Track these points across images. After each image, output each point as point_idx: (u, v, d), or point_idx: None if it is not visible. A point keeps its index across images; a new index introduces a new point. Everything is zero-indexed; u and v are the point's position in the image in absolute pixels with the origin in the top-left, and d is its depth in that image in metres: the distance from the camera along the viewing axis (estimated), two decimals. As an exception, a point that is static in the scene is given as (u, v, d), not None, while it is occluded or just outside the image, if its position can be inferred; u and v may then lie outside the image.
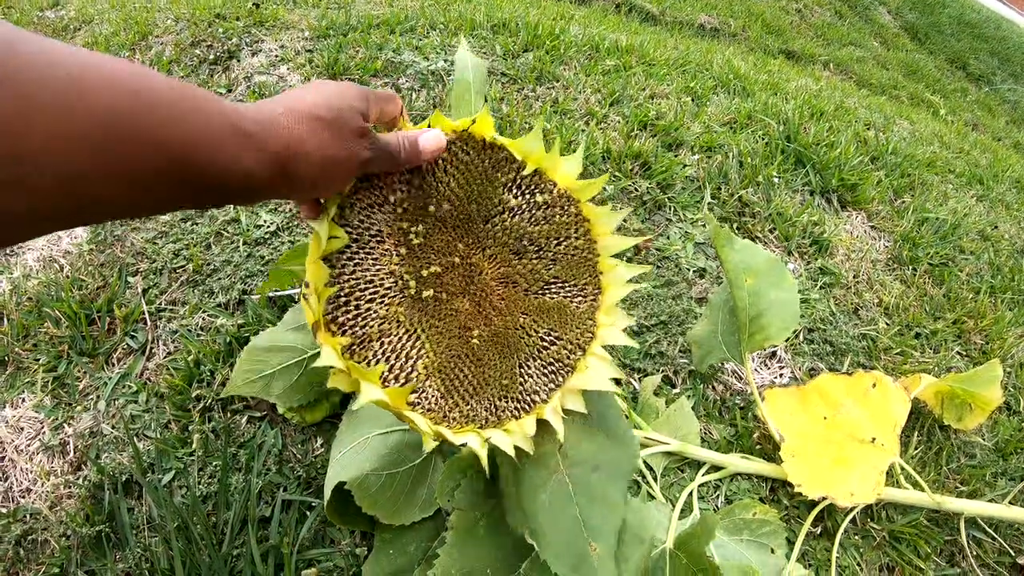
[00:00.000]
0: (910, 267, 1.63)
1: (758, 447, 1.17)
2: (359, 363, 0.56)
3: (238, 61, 1.75)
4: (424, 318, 0.59)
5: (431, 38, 1.93)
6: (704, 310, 1.19)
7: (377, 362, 0.57)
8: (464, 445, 0.58)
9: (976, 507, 1.10)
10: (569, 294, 0.62)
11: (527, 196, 0.60)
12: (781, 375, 1.31)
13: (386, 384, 0.57)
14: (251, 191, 0.43)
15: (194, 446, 1.00)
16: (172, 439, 1.01)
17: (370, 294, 0.56)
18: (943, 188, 2.03)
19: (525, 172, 0.59)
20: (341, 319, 0.56)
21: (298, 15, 2.01)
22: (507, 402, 0.61)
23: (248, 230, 1.26)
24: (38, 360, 1.11)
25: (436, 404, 0.59)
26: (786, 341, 1.33)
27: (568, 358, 0.63)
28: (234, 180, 0.41)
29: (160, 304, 1.17)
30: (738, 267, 1.08)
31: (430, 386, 0.59)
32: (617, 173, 1.52)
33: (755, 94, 2.09)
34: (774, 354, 1.33)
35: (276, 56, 1.76)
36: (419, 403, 0.58)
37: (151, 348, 1.13)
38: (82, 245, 1.28)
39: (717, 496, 1.08)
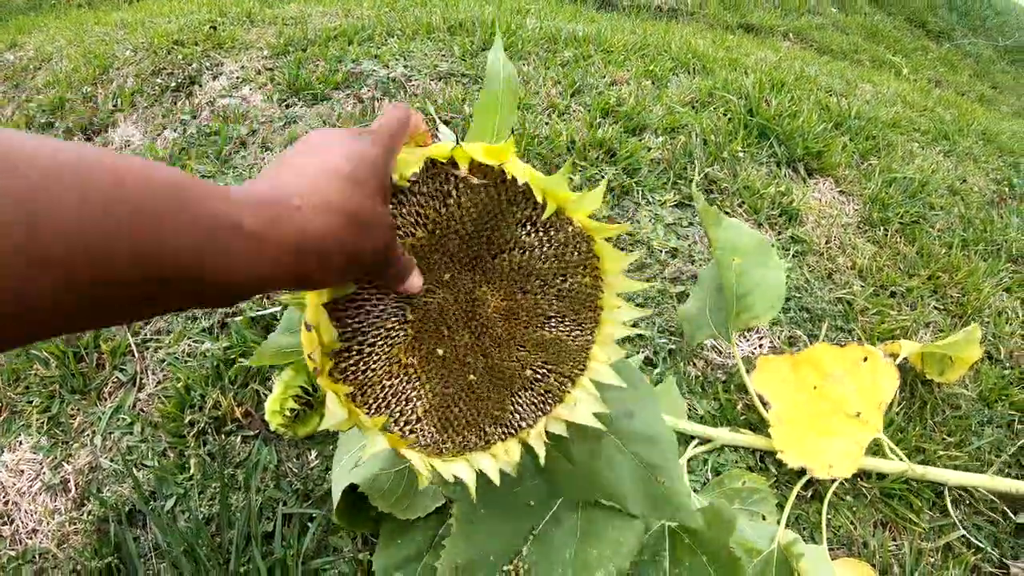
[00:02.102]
0: (881, 228, 1.67)
1: (743, 417, 1.21)
2: (361, 408, 0.56)
3: (200, 86, 1.76)
4: (426, 358, 0.58)
5: (389, 45, 1.95)
6: (695, 287, 1.22)
7: (379, 409, 0.56)
8: (455, 478, 0.59)
9: (959, 477, 1.14)
10: (568, 329, 0.61)
11: (542, 235, 0.57)
12: (761, 346, 1.34)
13: (388, 430, 0.57)
14: (275, 288, 0.36)
15: (192, 470, 1.02)
16: (170, 466, 1.03)
17: (372, 338, 0.55)
18: (909, 147, 2.07)
19: (544, 215, 0.56)
20: (343, 366, 0.54)
21: (255, 34, 2.02)
22: (496, 428, 0.62)
23: None
24: (31, 402, 1.13)
25: (432, 439, 0.59)
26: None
27: (558, 389, 0.63)
28: (250, 289, 0.34)
29: (145, 335, 1.19)
30: (725, 246, 1.10)
31: (428, 425, 0.59)
32: (582, 163, 1.55)
33: (715, 72, 2.12)
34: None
35: (237, 77, 1.78)
36: (417, 443, 0.58)
37: (141, 379, 1.15)
38: (63, 285, 1.30)
39: (705, 469, 1.12)
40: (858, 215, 1.70)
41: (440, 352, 0.58)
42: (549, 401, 0.62)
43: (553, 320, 0.60)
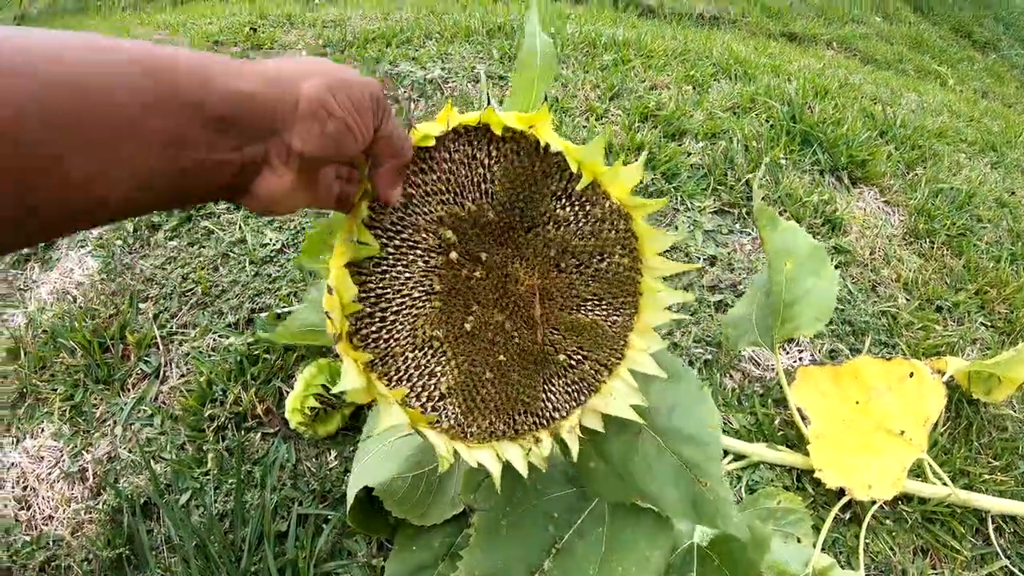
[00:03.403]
0: (927, 240, 1.59)
1: (780, 434, 1.14)
2: (381, 379, 0.53)
3: (238, 84, 1.77)
4: (452, 332, 0.55)
5: (427, 48, 1.94)
6: (746, 292, 1.17)
7: (400, 381, 0.53)
8: (479, 465, 0.56)
9: (1004, 505, 1.06)
10: (604, 313, 0.58)
11: (577, 209, 0.54)
12: (801, 359, 1.28)
13: (408, 405, 0.54)
14: (250, 129, 0.37)
15: (209, 465, 1.00)
16: (188, 460, 1.02)
17: (397, 305, 0.52)
18: (956, 158, 1.98)
19: (579, 185, 0.53)
20: (364, 332, 0.52)
21: (294, 35, 2.03)
22: (527, 416, 0.58)
23: (254, 249, 1.27)
24: (55, 390, 1.12)
25: (456, 422, 0.56)
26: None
27: (594, 378, 0.59)
28: (232, 102, 0.35)
29: (171, 328, 1.18)
30: (779, 250, 1.05)
31: (451, 404, 0.56)
32: (620, 167, 1.51)
33: (757, 77, 2.06)
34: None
35: (275, 77, 1.78)
36: (439, 422, 0.55)
37: (164, 372, 1.13)
38: (93, 275, 1.30)
39: (739, 485, 1.06)
40: (903, 226, 1.63)
41: (468, 327, 0.54)
42: (584, 391, 0.59)
43: (589, 303, 0.57)
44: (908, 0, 5.48)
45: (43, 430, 1.09)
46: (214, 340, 1.14)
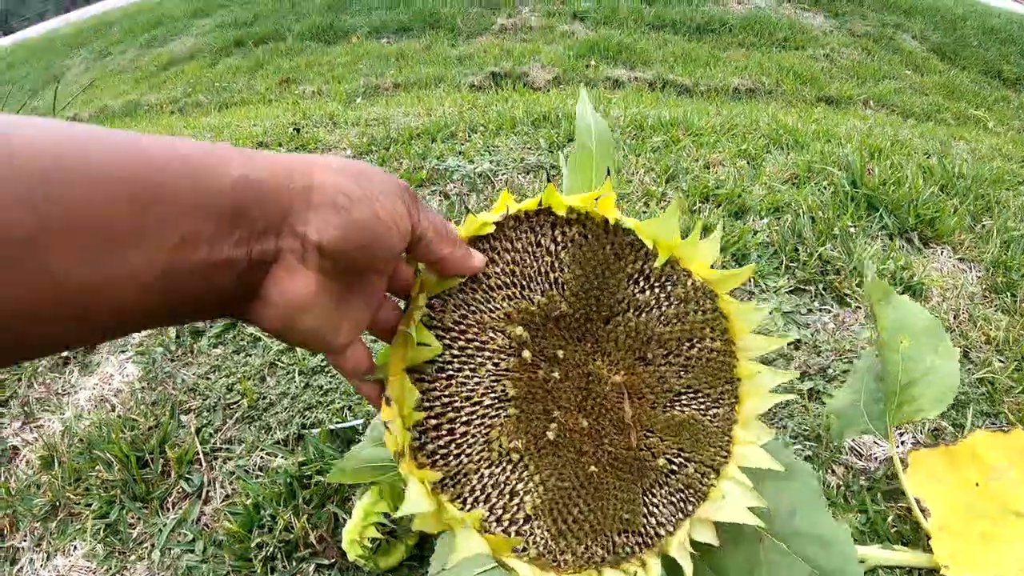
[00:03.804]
0: (1008, 294, 1.45)
1: (894, 530, 0.99)
2: (454, 501, 0.46)
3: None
4: (533, 443, 0.49)
5: (473, 141, 1.91)
6: (848, 378, 1.05)
7: (476, 502, 0.47)
8: None
9: None
10: (703, 406, 0.53)
11: (658, 291, 0.50)
12: (903, 442, 1.13)
13: (487, 531, 0.46)
14: (259, 219, 0.33)
15: (257, 603, 0.88)
16: (233, 595, 0.90)
17: (467, 414, 0.47)
18: (1019, 202, 1.87)
19: (656, 263, 0.50)
20: (431, 447, 0.46)
21: (338, 135, 2.04)
22: (627, 537, 0.51)
23: (304, 359, 1.19)
24: (90, 505, 1.04)
25: (546, 548, 0.48)
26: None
27: (700, 483, 0.53)
28: (241, 190, 0.32)
29: (215, 443, 1.09)
30: (894, 327, 0.94)
31: (539, 527, 0.48)
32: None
33: (809, 145, 2.00)
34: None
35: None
36: (526, 549, 0.48)
37: (207, 491, 1.03)
38: (133, 384, 1.23)
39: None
40: (981, 283, 1.50)
41: (551, 436, 0.48)
42: (690, 499, 0.52)
43: (684, 396, 0.52)
44: (934, 50, 5.51)
45: (75, 548, 1.01)
46: (261, 458, 1.05)
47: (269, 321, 0.36)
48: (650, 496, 0.52)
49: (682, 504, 0.53)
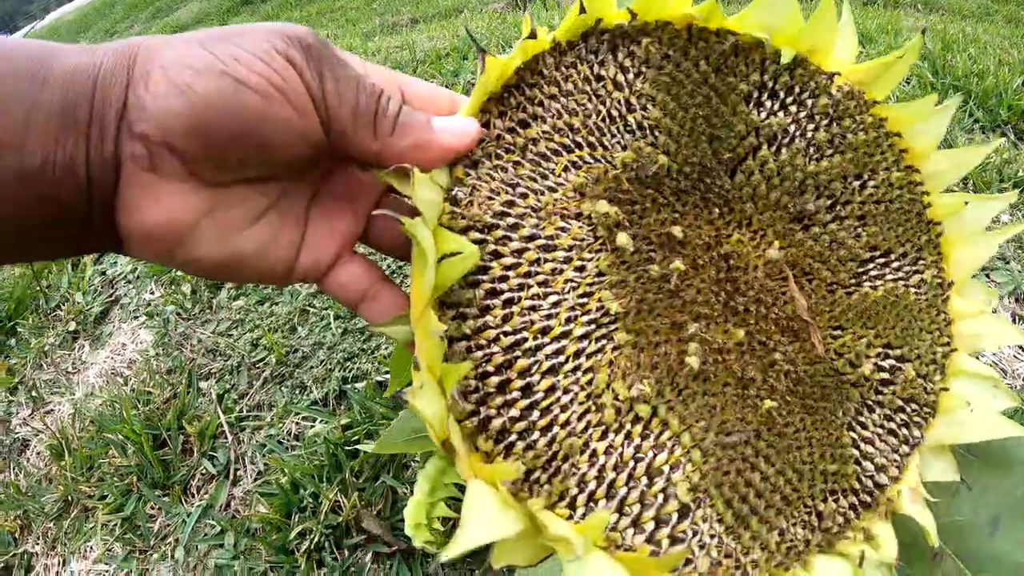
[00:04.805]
0: None
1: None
2: (554, 507, 0.29)
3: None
4: (668, 382, 0.33)
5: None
6: None
7: (592, 501, 0.30)
8: None
9: None
10: (901, 273, 0.40)
11: (794, 108, 0.38)
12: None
13: (619, 546, 0.30)
14: (86, 117, 0.26)
15: (303, 608, 0.71)
16: (273, 598, 0.73)
17: (548, 357, 0.31)
18: None
19: (782, 62, 0.37)
20: (498, 423, 0.29)
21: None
22: (836, 500, 0.35)
23: None
24: (104, 498, 0.92)
25: (721, 550, 0.32)
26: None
27: (924, 391, 0.38)
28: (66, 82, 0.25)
29: (240, 411, 0.93)
30: None
31: (704, 520, 0.32)
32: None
33: (875, 38, 1.91)
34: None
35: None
36: (691, 562, 0.31)
37: (235, 470, 0.88)
38: (147, 351, 1.07)
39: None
40: None
41: (693, 364, 0.33)
42: (915, 418, 0.38)
43: (871, 264, 0.39)
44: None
45: (91, 548, 0.89)
46: (296, 424, 0.89)
47: (145, 254, 0.29)
48: (859, 428, 0.37)
49: (905, 430, 0.38)
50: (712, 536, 0.32)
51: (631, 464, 0.31)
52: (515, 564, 0.29)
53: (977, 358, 0.42)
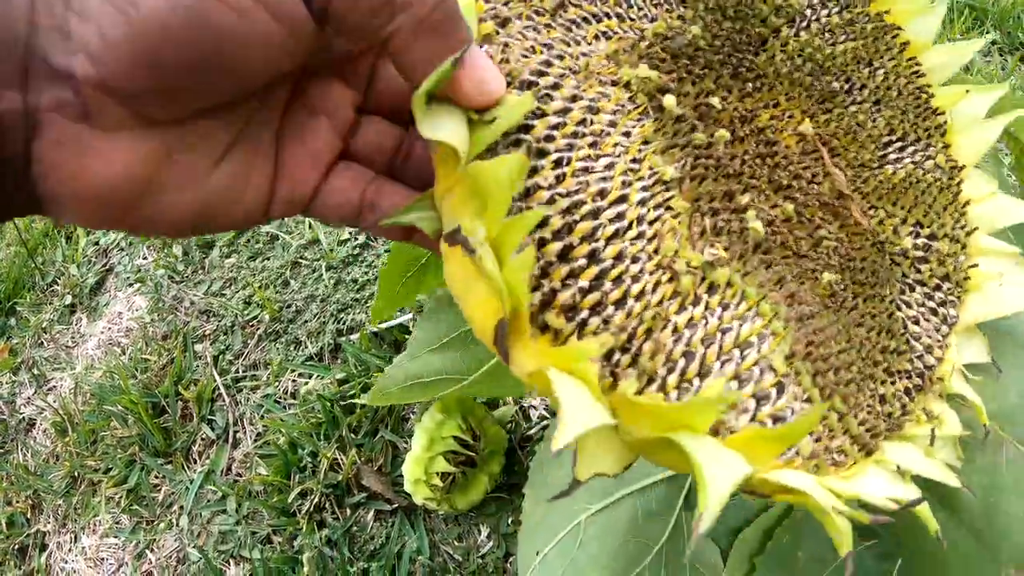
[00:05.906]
0: None
1: None
2: (644, 391, 0.25)
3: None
4: (738, 247, 0.31)
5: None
6: None
7: (683, 379, 0.26)
8: (919, 501, 0.29)
9: None
10: (917, 156, 0.40)
11: None
12: None
13: (727, 430, 0.26)
14: None
15: (306, 569, 0.68)
16: (276, 560, 0.71)
17: (611, 220, 0.27)
18: None
19: None
20: (566, 296, 0.25)
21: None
22: (895, 381, 0.34)
23: (331, 250, 0.97)
24: (109, 471, 0.90)
25: (815, 434, 0.30)
26: None
27: (956, 269, 0.39)
28: None
29: (236, 372, 0.90)
30: None
31: (797, 395, 0.29)
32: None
33: None
34: None
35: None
36: (794, 447, 0.29)
37: (234, 433, 0.85)
38: (143, 317, 1.03)
39: None
40: None
41: (759, 229, 0.31)
42: (951, 296, 0.38)
43: (891, 148, 0.39)
44: None
45: (100, 522, 0.88)
46: (292, 382, 0.84)
47: (87, 223, 0.23)
48: (906, 306, 0.37)
49: (943, 308, 0.38)
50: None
51: (718, 336, 0.28)
52: (603, 472, 0.25)
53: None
